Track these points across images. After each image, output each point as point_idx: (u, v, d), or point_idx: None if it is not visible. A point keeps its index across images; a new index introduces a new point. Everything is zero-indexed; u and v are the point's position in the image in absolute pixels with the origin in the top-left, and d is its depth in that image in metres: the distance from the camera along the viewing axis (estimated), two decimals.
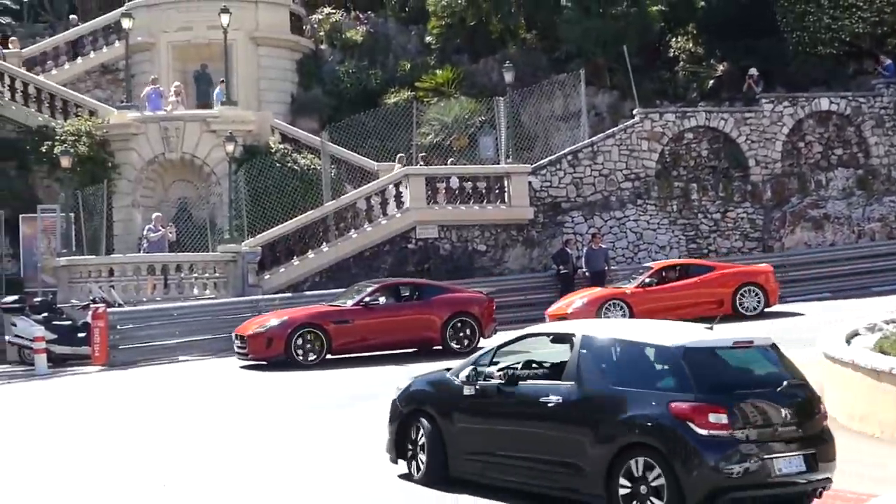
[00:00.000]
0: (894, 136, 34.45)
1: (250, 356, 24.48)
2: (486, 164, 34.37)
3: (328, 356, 24.27)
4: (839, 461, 11.06)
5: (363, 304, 24.86)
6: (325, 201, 32.15)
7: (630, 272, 30.15)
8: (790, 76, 36.93)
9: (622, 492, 10.65)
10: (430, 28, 41.23)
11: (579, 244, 32.07)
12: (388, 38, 42.24)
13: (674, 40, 39.48)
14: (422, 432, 12.78)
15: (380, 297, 25.32)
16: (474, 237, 32.30)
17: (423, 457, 12.76)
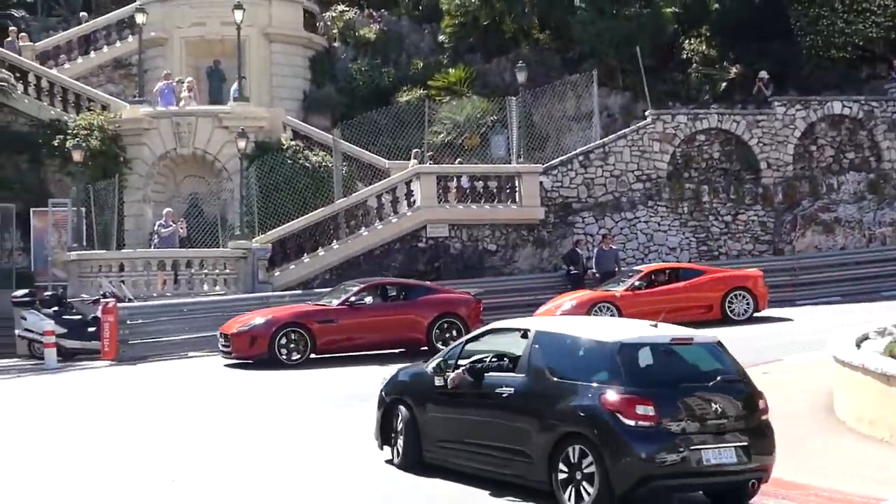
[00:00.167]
0: None
1: (234, 354, 24.33)
2: (498, 163, 34.37)
3: (312, 356, 24.16)
4: (848, 464, 11.09)
5: (348, 303, 24.74)
6: (336, 199, 32.17)
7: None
8: (803, 79, 36.90)
9: (560, 476, 11.34)
10: (443, 27, 41.27)
11: (590, 245, 31.99)
12: (401, 36, 42.30)
13: (687, 42, 39.45)
14: (400, 419, 13.59)
15: (366, 296, 25.21)
16: (485, 237, 32.28)
17: (401, 442, 13.59)
